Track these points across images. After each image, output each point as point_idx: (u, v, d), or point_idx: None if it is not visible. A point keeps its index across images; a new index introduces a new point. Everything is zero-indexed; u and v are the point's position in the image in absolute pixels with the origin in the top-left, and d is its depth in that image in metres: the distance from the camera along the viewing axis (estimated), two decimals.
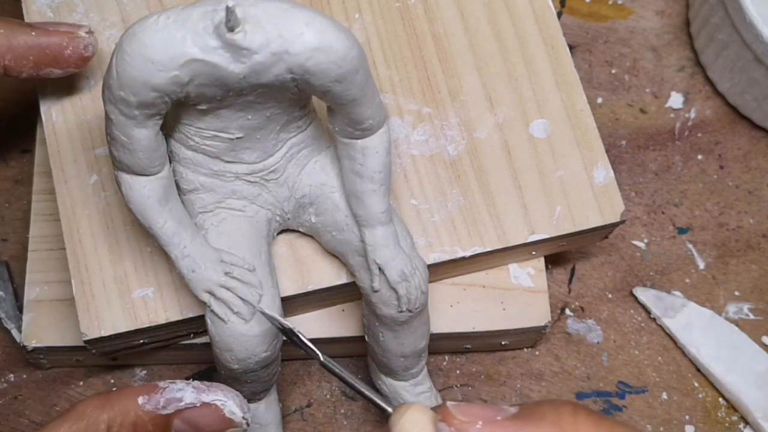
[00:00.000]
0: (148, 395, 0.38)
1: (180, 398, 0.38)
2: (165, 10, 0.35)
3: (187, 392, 0.39)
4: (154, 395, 0.38)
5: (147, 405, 0.38)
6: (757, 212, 0.58)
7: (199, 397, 0.39)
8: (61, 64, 0.45)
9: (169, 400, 0.38)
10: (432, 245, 0.47)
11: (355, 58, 0.36)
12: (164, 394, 0.38)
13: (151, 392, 0.38)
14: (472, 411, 0.33)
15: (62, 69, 0.45)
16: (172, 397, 0.38)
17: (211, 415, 0.39)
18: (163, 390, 0.38)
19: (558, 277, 0.56)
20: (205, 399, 0.39)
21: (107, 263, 0.45)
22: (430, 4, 0.51)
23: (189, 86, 0.36)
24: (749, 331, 0.54)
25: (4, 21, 0.45)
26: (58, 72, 0.46)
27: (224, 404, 0.39)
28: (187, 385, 0.39)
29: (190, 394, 0.39)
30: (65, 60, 0.45)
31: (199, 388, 0.39)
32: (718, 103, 0.61)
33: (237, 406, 0.39)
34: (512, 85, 0.50)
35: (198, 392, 0.39)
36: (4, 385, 0.52)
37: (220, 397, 0.39)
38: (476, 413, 0.33)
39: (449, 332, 0.49)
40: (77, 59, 0.45)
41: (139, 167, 0.39)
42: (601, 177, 0.49)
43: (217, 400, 0.39)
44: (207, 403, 0.39)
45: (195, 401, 0.39)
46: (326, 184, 0.43)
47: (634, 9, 0.64)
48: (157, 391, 0.38)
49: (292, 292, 0.46)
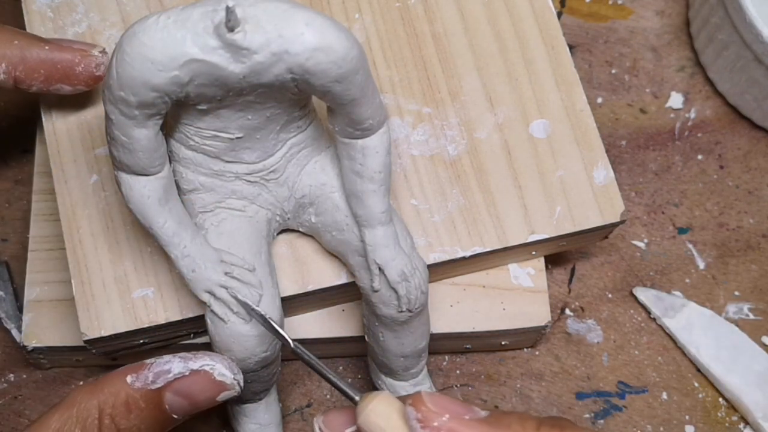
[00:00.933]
0: (136, 373, 0.38)
1: (168, 370, 0.38)
2: (165, 10, 0.35)
3: (174, 363, 0.39)
4: (142, 372, 0.38)
5: (136, 383, 0.38)
6: (757, 212, 0.58)
7: (187, 365, 0.39)
8: (72, 80, 0.45)
9: (157, 374, 0.38)
10: (432, 245, 0.47)
11: (355, 58, 0.36)
12: (152, 369, 0.38)
13: (138, 370, 0.38)
14: (442, 403, 0.33)
15: (72, 86, 0.46)
16: (160, 371, 0.38)
17: (202, 381, 0.39)
18: (150, 366, 0.38)
19: (558, 277, 0.56)
20: (193, 366, 0.39)
21: (107, 263, 0.45)
22: (430, 4, 0.51)
23: (189, 86, 0.36)
24: (749, 331, 0.54)
25: (20, 33, 0.45)
26: (68, 89, 0.46)
27: (213, 368, 0.39)
28: (173, 356, 0.39)
29: (178, 365, 0.39)
30: (76, 77, 0.45)
31: (185, 357, 0.39)
32: (718, 103, 0.61)
33: (226, 368, 0.39)
34: (512, 85, 0.50)
35: (185, 361, 0.39)
36: (4, 385, 0.52)
37: (207, 361, 0.39)
38: (446, 407, 0.33)
39: (449, 332, 0.49)
40: (87, 77, 0.45)
41: (139, 167, 0.39)
42: (601, 177, 0.49)
43: (205, 366, 0.39)
44: (196, 370, 0.39)
45: (184, 370, 0.38)
46: (326, 184, 0.43)
47: (634, 9, 0.64)
48: (144, 367, 0.38)
49: (292, 292, 0.46)
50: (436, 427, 0.32)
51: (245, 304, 0.40)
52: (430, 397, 0.33)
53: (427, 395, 0.33)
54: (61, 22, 0.49)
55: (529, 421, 0.33)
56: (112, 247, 0.45)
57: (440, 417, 0.32)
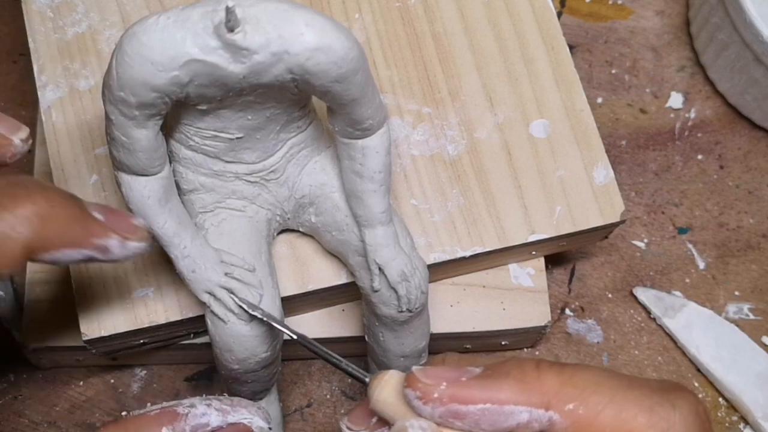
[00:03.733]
0: (172, 425, 0.37)
1: (206, 423, 0.38)
2: (165, 11, 0.35)
3: (212, 416, 0.38)
4: (178, 424, 0.37)
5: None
6: (757, 212, 0.58)
7: (225, 419, 0.38)
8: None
9: (194, 427, 0.38)
10: (432, 245, 0.47)
11: (355, 59, 0.36)
12: (188, 421, 0.38)
13: (173, 421, 0.37)
14: (436, 373, 0.33)
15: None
16: (198, 424, 0.38)
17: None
18: (185, 417, 0.38)
19: (558, 277, 0.56)
20: (231, 420, 0.38)
21: (107, 263, 0.45)
22: (430, 4, 0.51)
23: (189, 86, 0.36)
24: (749, 331, 0.54)
25: None
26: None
27: (251, 422, 0.39)
28: (208, 407, 0.38)
29: (216, 418, 0.38)
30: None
31: (223, 410, 0.38)
32: (718, 103, 0.61)
33: (263, 420, 0.39)
34: (512, 85, 0.50)
35: (223, 414, 0.38)
36: (4, 385, 0.52)
37: (245, 415, 0.38)
38: (440, 375, 0.33)
39: (449, 332, 0.49)
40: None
41: (139, 167, 0.39)
42: (601, 177, 0.49)
43: (243, 419, 0.39)
44: (233, 423, 0.39)
45: (222, 424, 0.38)
46: (326, 184, 0.43)
47: (634, 9, 0.64)
48: (179, 418, 0.38)
49: (292, 292, 0.46)
50: (437, 398, 0.32)
51: (247, 303, 0.40)
52: (423, 372, 0.33)
53: (418, 371, 0.33)
54: (61, 22, 0.49)
55: (526, 363, 0.33)
56: None
57: (438, 387, 0.32)
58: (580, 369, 0.33)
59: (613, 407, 0.32)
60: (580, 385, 0.32)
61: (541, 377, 0.32)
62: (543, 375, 0.32)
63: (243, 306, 0.40)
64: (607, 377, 0.33)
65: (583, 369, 0.33)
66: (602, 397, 0.32)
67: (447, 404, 0.32)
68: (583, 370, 0.33)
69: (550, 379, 0.32)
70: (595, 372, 0.33)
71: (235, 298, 0.40)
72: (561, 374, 0.32)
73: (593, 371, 0.33)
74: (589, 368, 0.33)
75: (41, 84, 0.48)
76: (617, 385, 0.32)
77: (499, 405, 0.32)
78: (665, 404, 0.32)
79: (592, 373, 0.33)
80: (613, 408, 0.32)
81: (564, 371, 0.33)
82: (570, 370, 0.33)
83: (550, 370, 0.33)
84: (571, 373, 0.32)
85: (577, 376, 0.32)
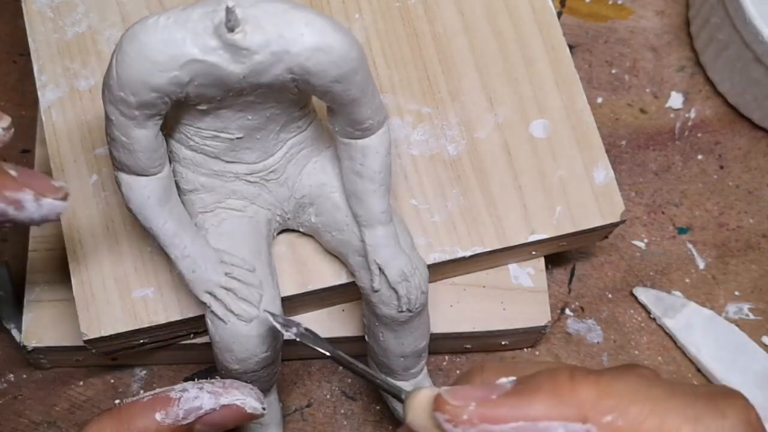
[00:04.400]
0: (165, 410, 0.38)
1: (199, 406, 0.38)
2: (165, 11, 0.35)
3: (204, 399, 0.38)
4: (171, 408, 0.38)
5: (166, 420, 0.38)
6: (757, 212, 0.58)
7: (218, 401, 0.39)
8: None
9: (188, 410, 0.38)
10: (432, 245, 0.47)
11: (354, 59, 0.36)
12: (181, 405, 0.38)
13: (166, 405, 0.38)
14: (464, 393, 0.31)
15: None
16: (191, 407, 0.38)
17: (233, 415, 0.39)
18: (178, 401, 0.38)
19: (558, 277, 0.56)
20: (224, 402, 0.39)
21: (107, 263, 0.45)
22: (430, 4, 0.51)
23: (189, 87, 0.36)
24: (749, 331, 0.54)
25: None
26: None
27: (244, 402, 0.39)
28: (200, 390, 0.39)
29: (209, 401, 0.38)
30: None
31: (215, 392, 0.39)
32: (718, 103, 0.61)
33: (256, 400, 0.39)
34: (512, 85, 0.50)
35: (215, 396, 0.39)
36: (4, 385, 0.52)
37: (238, 396, 0.39)
38: (469, 395, 0.31)
39: (449, 332, 0.49)
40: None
41: (139, 167, 0.39)
42: (601, 177, 0.49)
43: (236, 401, 0.39)
44: (226, 405, 0.39)
45: (214, 406, 0.39)
46: (326, 184, 0.43)
47: (634, 9, 0.64)
48: (171, 403, 0.38)
49: (292, 292, 0.46)
50: (467, 420, 0.31)
51: (281, 321, 0.39)
52: (451, 393, 0.31)
53: (446, 392, 0.31)
54: (61, 22, 0.49)
55: (560, 374, 0.31)
56: (112, 247, 0.45)
57: (467, 408, 0.31)
58: (618, 377, 0.31)
59: (654, 418, 0.30)
60: (617, 395, 0.30)
61: (576, 388, 0.30)
62: (578, 386, 0.31)
63: (277, 325, 0.39)
64: (647, 386, 0.31)
65: (621, 377, 0.31)
66: (642, 407, 0.30)
67: (478, 425, 0.31)
68: (622, 378, 0.31)
69: (586, 390, 0.30)
70: (634, 380, 0.31)
71: (270, 317, 0.39)
72: (598, 384, 0.31)
73: (632, 379, 0.31)
74: (628, 376, 0.31)
75: (41, 84, 0.48)
76: (659, 394, 0.31)
77: (533, 422, 0.30)
78: (713, 412, 0.30)
79: (632, 381, 0.31)
80: (655, 419, 0.30)
81: (601, 381, 0.31)
82: (607, 379, 0.31)
83: (586, 380, 0.31)
84: (608, 383, 0.31)
85: (615, 385, 0.31)
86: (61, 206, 0.36)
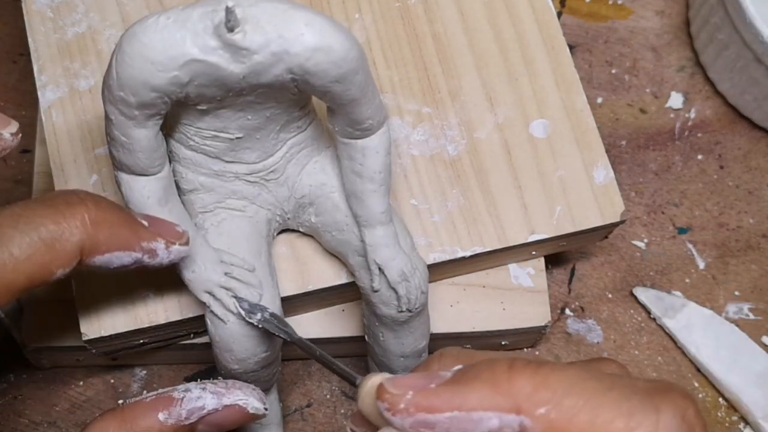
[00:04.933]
0: (168, 410, 0.38)
1: (202, 407, 0.39)
2: (165, 11, 0.35)
3: (207, 399, 0.39)
4: (174, 408, 0.38)
5: (169, 420, 0.38)
6: (757, 212, 0.58)
7: (220, 401, 0.39)
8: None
9: (190, 411, 0.38)
10: (432, 245, 0.47)
11: (354, 59, 0.36)
12: (184, 405, 0.38)
13: (169, 406, 0.38)
14: (404, 382, 0.31)
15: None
16: (193, 407, 0.38)
17: (235, 415, 0.39)
18: (180, 401, 0.38)
19: (558, 277, 0.56)
20: (226, 402, 0.39)
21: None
22: (430, 4, 0.51)
23: (189, 86, 0.36)
24: (749, 331, 0.54)
25: None
26: None
27: (246, 403, 0.39)
28: (203, 390, 0.39)
29: (211, 401, 0.39)
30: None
31: (218, 392, 0.39)
32: (718, 103, 0.61)
33: (258, 400, 0.40)
34: (512, 85, 0.50)
35: (218, 397, 0.39)
36: (4, 385, 0.52)
37: (240, 396, 0.39)
38: (407, 384, 0.31)
39: (449, 332, 0.49)
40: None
41: (139, 167, 0.39)
42: (601, 177, 0.49)
43: (239, 401, 0.39)
44: (229, 405, 0.39)
45: (217, 406, 0.39)
46: (326, 184, 0.43)
47: (634, 9, 0.64)
48: (174, 403, 0.38)
49: (292, 292, 0.46)
50: (404, 409, 0.31)
51: (246, 308, 0.40)
52: (391, 382, 0.31)
53: (387, 381, 0.31)
54: (61, 22, 0.49)
55: (498, 364, 0.31)
56: None
57: (404, 396, 0.31)
58: (557, 369, 0.31)
59: (587, 411, 0.29)
60: (553, 387, 0.30)
61: (513, 379, 0.30)
62: (515, 376, 0.30)
63: (242, 311, 0.40)
64: (584, 378, 0.30)
65: (560, 369, 0.31)
66: (576, 400, 0.30)
67: (414, 414, 0.30)
68: (561, 370, 0.31)
69: (522, 381, 0.30)
70: (573, 373, 0.31)
71: (236, 303, 0.40)
72: (535, 375, 0.30)
73: (571, 371, 0.31)
74: (568, 368, 0.31)
75: (41, 84, 0.48)
76: (595, 387, 0.30)
77: (467, 412, 0.30)
78: (647, 407, 0.30)
79: (570, 374, 0.30)
80: (588, 412, 0.29)
81: (539, 372, 0.30)
82: (546, 370, 0.31)
83: (524, 371, 0.30)
84: (546, 374, 0.30)
85: (553, 377, 0.30)
86: (185, 251, 0.40)
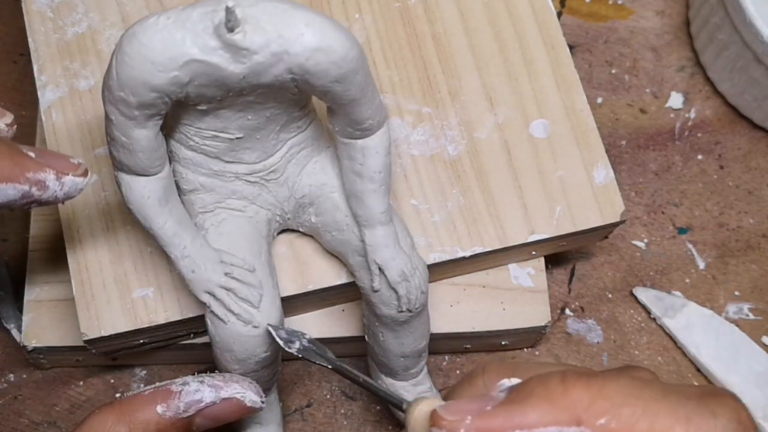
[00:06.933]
0: (166, 402, 0.38)
1: (199, 400, 0.39)
2: (165, 11, 0.35)
3: (205, 392, 0.39)
4: (172, 401, 0.38)
5: (167, 412, 0.38)
6: (757, 212, 0.58)
7: (218, 394, 0.39)
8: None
9: (188, 403, 0.38)
10: (432, 245, 0.47)
11: (354, 59, 0.36)
12: (182, 398, 0.38)
13: (167, 398, 0.38)
14: (459, 408, 0.32)
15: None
16: (191, 401, 0.39)
17: (232, 408, 0.40)
18: (179, 394, 0.38)
19: (558, 277, 0.56)
20: (224, 395, 0.39)
21: (107, 263, 0.45)
22: (430, 4, 0.51)
23: (189, 87, 0.36)
24: (749, 331, 0.54)
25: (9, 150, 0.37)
26: None
27: (243, 396, 0.39)
28: (201, 383, 0.39)
29: (209, 394, 0.39)
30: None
31: (215, 385, 0.39)
32: (718, 103, 0.61)
33: (255, 393, 0.40)
34: (512, 85, 0.50)
35: (216, 390, 0.39)
36: (4, 385, 0.52)
37: (238, 390, 0.40)
38: (464, 408, 0.32)
39: (449, 332, 0.49)
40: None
41: (139, 168, 0.39)
42: (601, 177, 0.49)
43: (236, 394, 0.39)
44: (227, 398, 0.39)
45: (215, 399, 0.39)
46: (326, 184, 0.43)
47: (634, 9, 0.64)
48: (173, 396, 0.38)
49: (292, 292, 0.46)
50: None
51: (284, 337, 0.40)
52: (445, 409, 0.32)
53: (441, 408, 0.32)
54: (61, 22, 0.49)
55: (551, 378, 0.31)
56: (112, 247, 0.45)
57: (463, 422, 0.31)
58: (609, 379, 0.31)
59: (647, 419, 0.30)
60: (610, 397, 0.30)
61: (568, 391, 0.31)
62: (570, 389, 0.31)
63: (280, 341, 0.40)
64: (639, 387, 0.31)
65: (613, 379, 0.31)
66: (634, 408, 0.30)
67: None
68: (614, 380, 0.31)
69: (578, 393, 0.31)
70: (626, 382, 0.31)
71: (273, 331, 0.40)
72: (589, 387, 0.31)
73: (624, 381, 0.31)
74: (619, 377, 0.31)
75: (41, 84, 0.48)
76: (650, 395, 0.31)
77: (528, 430, 0.30)
78: (704, 412, 0.30)
79: (623, 383, 0.31)
80: (647, 420, 0.30)
81: (592, 383, 0.31)
82: (599, 381, 0.31)
83: (578, 383, 0.31)
84: (600, 385, 0.31)
85: (607, 387, 0.31)
86: (82, 182, 0.37)
